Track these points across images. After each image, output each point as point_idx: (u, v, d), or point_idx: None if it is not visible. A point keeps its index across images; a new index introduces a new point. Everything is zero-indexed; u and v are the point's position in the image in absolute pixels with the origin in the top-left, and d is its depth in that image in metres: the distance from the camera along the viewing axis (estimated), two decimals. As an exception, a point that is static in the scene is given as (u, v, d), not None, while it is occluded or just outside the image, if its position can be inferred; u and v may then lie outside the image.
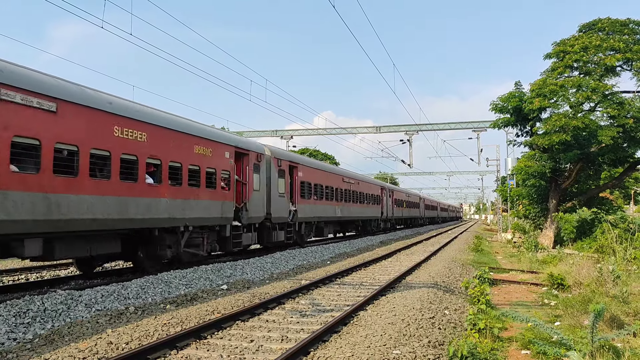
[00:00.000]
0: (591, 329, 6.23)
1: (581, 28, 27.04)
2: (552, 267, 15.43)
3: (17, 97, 8.94)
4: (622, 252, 15.15)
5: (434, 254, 21.52)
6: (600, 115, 25.25)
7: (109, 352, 6.43)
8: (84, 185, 10.38)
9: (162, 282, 11.60)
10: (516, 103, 26.81)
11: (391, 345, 6.76)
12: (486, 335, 7.46)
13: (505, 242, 33.79)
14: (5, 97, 8.73)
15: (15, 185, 8.88)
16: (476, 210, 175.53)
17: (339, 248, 23.37)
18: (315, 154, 60.68)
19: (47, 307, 8.53)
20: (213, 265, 14.45)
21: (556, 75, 25.88)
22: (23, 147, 9.16)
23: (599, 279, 11.09)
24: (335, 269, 15.37)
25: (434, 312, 9.18)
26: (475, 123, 35.76)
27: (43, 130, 9.45)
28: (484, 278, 12.25)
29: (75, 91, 10.53)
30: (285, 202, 20.88)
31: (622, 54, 24.17)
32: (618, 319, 8.36)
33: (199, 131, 14.85)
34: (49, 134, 9.57)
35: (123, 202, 11.43)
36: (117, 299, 9.73)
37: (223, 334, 7.63)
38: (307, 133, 40.13)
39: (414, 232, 45.10)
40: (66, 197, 9.91)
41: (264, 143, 21.04)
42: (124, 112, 11.68)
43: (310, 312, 9.30)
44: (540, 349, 6.54)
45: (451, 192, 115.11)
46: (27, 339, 7.10)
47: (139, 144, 12.04)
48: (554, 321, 8.96)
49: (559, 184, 28.09)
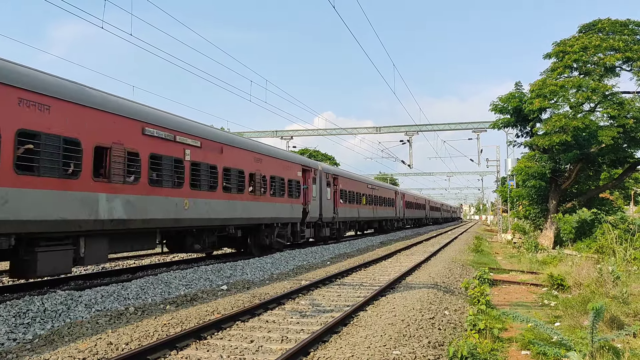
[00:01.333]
0: (591, 329, 6.22)
1: (581, 28, 27.05)
2: (552, 268, 15.43)
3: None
4: (622, 253, 15.15)
5: (434, 255, 21.51)
6: (600, 115, 25.26)
7: (109, 352, 6.43)
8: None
9: (162, 282, 11.60)
10: (516, 103, 26.82)
11: (391, 346, 6.76)
12: (486, 335, 7.46)
13: (505, 243, 33.79)
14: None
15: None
16: (476, 211, 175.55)
17: (338, 248, 23.37)
18: (315, 155, 60.66)
19: (47, 308, 8.53)
20: (213, 266, 14.45)
21: (556, 75, 25.88)
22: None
23: (599, 279, 11.09)
24: (335, 270, 15.37)
25: (434, 312, 9.18)
26: (475, 124, 35.78)
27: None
28: (483, 279, 12.25)
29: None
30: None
31: (621, 53, 24.18)
32: (618, 319, 8.36)
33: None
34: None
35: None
36: (117, 300, 9.73)
37: (223, 335, 7.63)
38: (307, 133, 40.15)
39: (414, 233, 45.11)
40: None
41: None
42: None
43: (310, 312, 9.30)
44: (540, 350, 6.54)
45: (451, 193, 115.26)
46: (27, 339, 7.10)
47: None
48: (554, 322, 8.96)
49: (559, 184, 28.08)
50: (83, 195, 10.02)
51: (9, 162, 8.55)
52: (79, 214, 9.91)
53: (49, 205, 9.22)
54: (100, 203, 10.44)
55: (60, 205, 9.43)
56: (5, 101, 8.56)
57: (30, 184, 8.89)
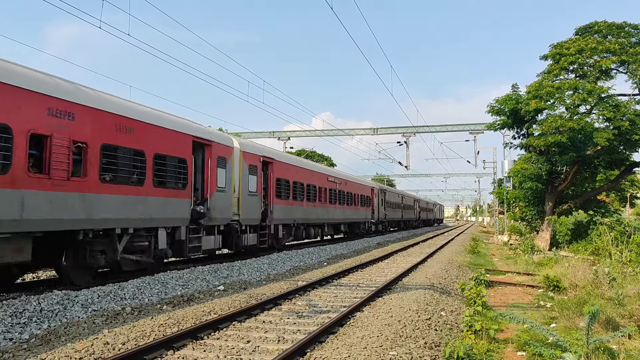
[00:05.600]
0: (586, 330, 6.25)
1: (577, 31, 27.17)
2: (548, 269, 15.48)
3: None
4: (618, 255, 15.21)
5: (430, 256, 21.55)
6: (596, 117, 25.36)
7: (106, 352, 6.42)
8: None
9: (159, 282, 11.59)
10: (513, 105, 26.90)
11: (387, 346, 6.77)
12: (482, 336, 7.49)
13: (501, 245, 33.86)
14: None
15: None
16: (473, 213, 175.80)
17: (335, 249, 23.39)
18: (312, 155, 60.68)
19: (43, 308, 8.51)
20: (210, 266, 14.45)
21: (552, 77, 25.99)
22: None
23: (595, 281, 11.14)
24: (332, 270, 15.38)
25: (430, 313, 9.20)
26: (472, 125, 35.90)
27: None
28: (480, 280, 12.29)
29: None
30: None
31: (617, 56, 24.30)
32: (613, 321, 8.40)
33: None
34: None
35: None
36: (114, 300, 9.72)
37: (220, 335, 7.63)
38: (304, 134, 40.16)
39: (410, 234, 45.15)
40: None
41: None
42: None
43: (307, 313, 9.31)
44: (536, 351, 6.56)
45: (448, 194, 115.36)
46: (24, 339, 7.09)
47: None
48: (550, 323, 8.99)
49: (555, 186, 28.18)
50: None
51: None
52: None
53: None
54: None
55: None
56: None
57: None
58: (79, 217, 10.34)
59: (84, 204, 10.47)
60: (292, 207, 22.63)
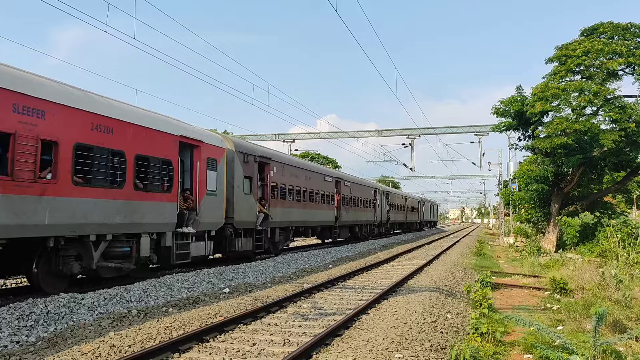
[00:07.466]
0: (594, 333, 6.22)
1: (583, 32, 27.09)
2: (554, 272, 15.42)
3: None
4: (625, 257, 15.11)
5: (436, 258, 21.51)
6: (602, 119, 25.27)
7: (112, 355, 6.45)
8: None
9: (165, 285, 11.61)
10: (518, 107, 26.86)
11: (393, 349, 6.76)
12: (488, 339, 7.46)
13: (507, 247, 33.74)
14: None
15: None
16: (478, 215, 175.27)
17: (340, 252, 23.37)
18: (317, 157, 60.72)
19: (50, 310, 8.55)
20: (215, 269, 14.46)
21: (558, 79, 25.91)
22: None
23: (602, 283, 11.07)
24: (337, 273, 15.37)
25: (436, 315, 9.18)
26: (477, 127, 35.81)
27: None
28: (486, 282, 12.22)
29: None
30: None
31: (624, 58, 24.20)
32: (621, 323, 8.35)
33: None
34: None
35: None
36: (120, 302, 9.75)
37: (225, 337, 7.64)
38: (309, 137, 40.21)
39: (415, 236, 45.05)
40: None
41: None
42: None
43: (313, 315, 9.31)
44: (542, 353, 6.54)
45: (453, 196, 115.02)
46: (30, 341, 7.12)
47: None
48: (557, 325, 8.95)
49: (561, 188, 28.06)
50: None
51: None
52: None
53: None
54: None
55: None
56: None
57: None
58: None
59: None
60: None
